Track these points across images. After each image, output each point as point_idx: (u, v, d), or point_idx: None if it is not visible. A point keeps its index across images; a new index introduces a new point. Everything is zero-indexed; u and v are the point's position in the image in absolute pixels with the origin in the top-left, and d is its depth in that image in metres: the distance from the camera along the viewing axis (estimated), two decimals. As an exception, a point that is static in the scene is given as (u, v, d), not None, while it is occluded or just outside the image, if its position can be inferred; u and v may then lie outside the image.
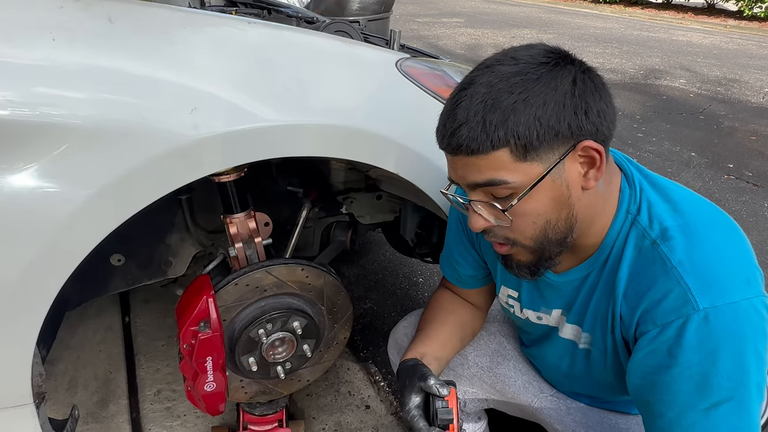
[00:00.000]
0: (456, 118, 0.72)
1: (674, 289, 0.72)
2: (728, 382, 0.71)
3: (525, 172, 0.72)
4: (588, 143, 0.72)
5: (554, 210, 0.75)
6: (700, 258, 0.73)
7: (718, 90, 6.19)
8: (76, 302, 1.32)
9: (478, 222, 0.78)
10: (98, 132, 0.80)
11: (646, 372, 0.77)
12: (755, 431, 0.73)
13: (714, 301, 0.70)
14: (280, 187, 1.53)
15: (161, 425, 1.59)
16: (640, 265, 0.78)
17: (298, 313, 1.21)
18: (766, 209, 3.24)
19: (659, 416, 0.76)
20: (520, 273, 0.83)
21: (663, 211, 0.78)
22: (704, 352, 0.71)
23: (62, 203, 0.80)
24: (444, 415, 0.86)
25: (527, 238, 0.78)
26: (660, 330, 0.74)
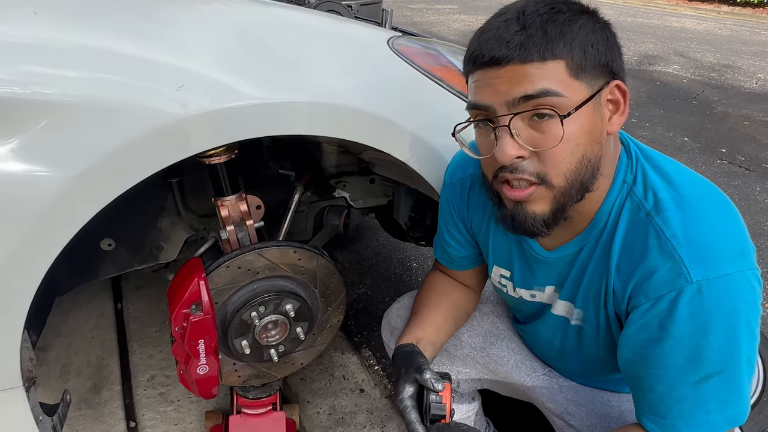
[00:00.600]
0: (509, 28, 0.70)
1: (667, 261, 0.72)
2: (719, 355, 0.71)
3: (575, 89, 0.70)
4: (619, 83, 0.74)
5: (590, 144, 0.73)
6: (694, 231, 0.72)
7: (711, 76, 6.19)
8: (66, 287, 1.31)
9: (511, 149, 0.72)
10: (81, 110, 0.78)
11: (637, 346, 0.77)
12: (745, 403, 0.74)
13: (707, 274, 0.69)
14: (272, 171, 1.52)
15: (155, 410, 1.58)
16: (634, 238, 0.77)
17: (291, 296, 1.20)
18: (758, 193, 3.26)
19: (649, 390, 0.76)
20: (534, 226, 0.77)
21: (657, 182, 0.77)
22: (696, 325, 0.70)
23: (46, 182, 0.79)
24: (436, 410, 0.85)
25: (560, 173, 0.73)
26: (652, 303, 0.73)
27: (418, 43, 1.25)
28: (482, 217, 0.98)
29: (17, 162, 0.78)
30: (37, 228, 0.81)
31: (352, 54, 1.05)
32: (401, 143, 1.05)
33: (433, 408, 0.85)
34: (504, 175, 0.76)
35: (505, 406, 1.34)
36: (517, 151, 0.72)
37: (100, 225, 1.30)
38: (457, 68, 1.25)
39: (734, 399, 0.73)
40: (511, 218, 0.79)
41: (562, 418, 1.03)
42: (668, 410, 0.75)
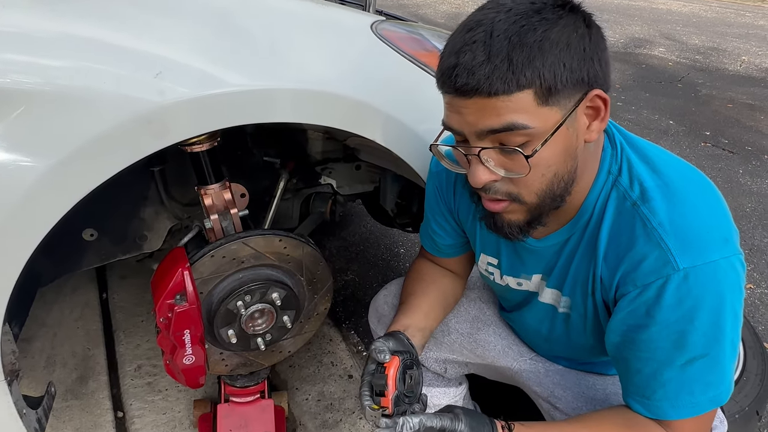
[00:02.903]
0: (475, 56, 0.65)
1: (654, 250, 0.72)
2: (704, 339, 0.72)
3: (544, 117, 0.68)
4: (598, 92, 0.70)
5: (563, 162, 0.72)
6: (680, 219, 0.73)
7: (696, 58, 6.23)
8: (48, 278, 1.29)
9: (483, 175, 0.72)
10: (56, 98, 0.76)
11: (625, 331, 0.77)
12: (728, 384, 0.75)
13: (694, 261, 0.70)
14: (256, 158, 1.50)
15: (143, 400, 1.58)
16: (621, 227, 0.77)
17: (277, 285, 1.19)
18: (740, 175, 3.30)
19: (636, 372, 0.77)
20: (510, 233, 0.79)
21: (642, 171, 0.77)
22: (682, 311, 0.71)
23: (22, 172, 0.77)
24: (377, 380, 0.84)
25: (533, 193, 0.73)
26: (640, 291, 0.74)
27: (403, 27, 1.23)
28: (469, 205, 0.97)
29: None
30: (15, 219, 0.80)
31: (334, 40, 1.03)
32: (386, 130, 1.04)
33: (375, 378, 0.84)
34: (479, 192, 0.77)
35: (493, 390, 1.36)
36: (489, 176, 0.73)
37: (81, 215, 1.28)
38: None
39: (717, 380, 0.74)
40: (490, 223, 0.81)
41: (548, 401, 1.05)
42: (654, 392, 0.76)
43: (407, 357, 0.88)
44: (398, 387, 0.85)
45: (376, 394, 0.84)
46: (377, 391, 0.84)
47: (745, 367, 1.35)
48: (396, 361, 0.86)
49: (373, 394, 0.84)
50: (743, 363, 1.36)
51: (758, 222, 2.75)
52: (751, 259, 2.45)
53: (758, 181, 3.23)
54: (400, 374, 0.86)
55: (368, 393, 0.84)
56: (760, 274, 2.35)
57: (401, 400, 0.85)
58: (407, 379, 0.86)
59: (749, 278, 2.31)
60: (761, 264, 2.42)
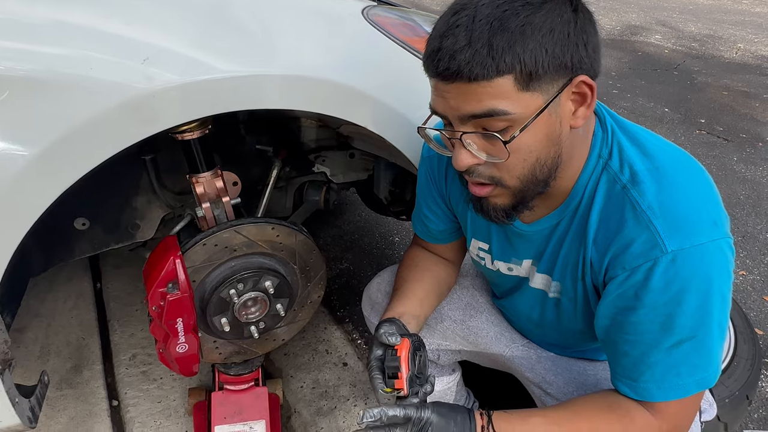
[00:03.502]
0: (457, 40, 0.66)
1: (643, 233, 0.72)
2: (692, 322, 0.72)
3: (525, 103, 0.68)
4: (584, 78, 0.70)
5: (545, 147, 0.72)
6: (669, 202, 0.73)
7: (692, 46, 6.21)
8: (40, 268, 1.28)
9: (465, 159, 0.73)
10: (42, 84, 0.75)
11: (613, 314, 0.78)
12: (715, 367, 0.76)
13: (682, 244, 0.70)
14: (249, 146, 1.49)
15: (137, 389, 1.58)
16: (611, 211, 0.77)
17: (270, 273, 1.19)
18: (734, 163, 3.30)
19: (624, 355, 0.78)
20: (496, 217, 0.80)
21: (633, 155, 0.77)
22: (670, 294, 0.71)
23: (7, 160, 0.76)
24: (390, 362, 0.85)
25: (515, 177, 0.74)
26: (629, 274, 0.74)
27: (394, 12, 1.22)
28: (460, 190, 0.97)
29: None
30: (2, 207, 0.79)
31: (325, 25, 1.02)
32: (378, 116, 1.04)
33: (387, 360, 0.85)
34: (464, 175, 0.78)
35: (485, 377, 1.36)
36: (471, 159, 0.74)
37: (72, 204, 1.28)
38: (435, 39, 1.23)
39: (704, 363, 0.75)
40: (476, 206, 0.82)
41: (540, 386, 1.05)
42: (641, 374, 0.76)
43: (416, 339, 0.90)
44: (410, 368, 0.85)
45: (388, 377, 0.85)
46: (389, 374, 0.85)
47: (736, 352, 1.36)
48: (407, 342, 0.87)
49: (385, 377, 0.85)
50: (734, 348, 1.38)
51: (751, 209, 2.76)
52: (744, 245, 2.46)
53: (752, 168, 3.24)
54: (411, 355, 0.87)
55: (380, 377, 0.85)
56: (752, 260, 2.36)
57: (414, 382, 0.86)
58: (417, 361, 0.87)
59: (742, 265, 2.33)
60: (754, 251, 2.43)
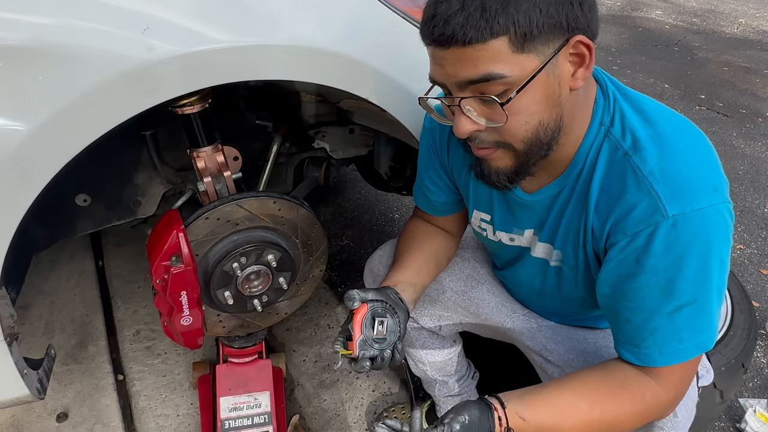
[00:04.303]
0: (450, 5, 0.66)
1: (644, 199, 0.73)
2: (692, 286, 0.73)
3: (522, 65, 0.68)
4: (581, 38, 0.69)
5: (546, 109, 0.72)
6: (671, 167, 0.73)
7: (693, 21, 6.14)
8: (43, 244, 1.29)
9: (466, 125, 0.73)
10: (43, 55, 0.75)
11: (615, 281, 0.79)
12: (714, 330, 0.77)
13: (683, 208, 0.71)
14: (249, 122, 1.49)
15: (142, 363, 1.60)
16: (612, 177, 0.78)
17: (272, 246, 1.20)
18: (734, 138, 3.30)
19: (626, 322, 0.79)
20: (498, 181, 0.79)
21: (635, 121, 0.77)
22: (671, 259, 0.72)
23: (10, 131, 0.76)
24: (345, 324, 0.89)
25: (518, 140, 0.74)
26: (630, 240, 0.75)
27: (395, -17, 1.21)
28: (462, 161, 0.97)
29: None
30: (3, 181, 0.79)
31: (326, -5, 1.01)
32: (378, 88, 1.03)
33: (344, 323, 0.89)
34: (467, 142, 0.78)
35: (486, 349, 1.38)
36: (472, 126, 0.74)
37: (73, 180, 1.28)
38: (436, 10, 1.22)
39: (704, 327, 0.76)
40: (478, 172, 0.82)
41: (540, 354, 1.07)
42: (643, 340, 0.78)
43: (378, 305, 0.90)
44: (365, 332, 0.87)
45: (347, 339, 0.87)
46: (347, 336, 0.88)
47: (733, 321, 1.38)
48: (364, 308, 0.88)
49: (344, 340, 0.87)
50: (731, 318, 1.39)
51: (750, 184, 2.77)
52: (742, 220, 2.48)
53: (751, 143, 3.24)
54: (368, 320, 0.88)
55: (341, 339, 0.87)
56: (750, 234, 2.38)
57: (368, 345, 0.87)
58: (377, 326, 0.88)
59: (740, 239, 2.34)
60: (751, 225, 2.45)
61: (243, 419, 1.29)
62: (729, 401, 1.52)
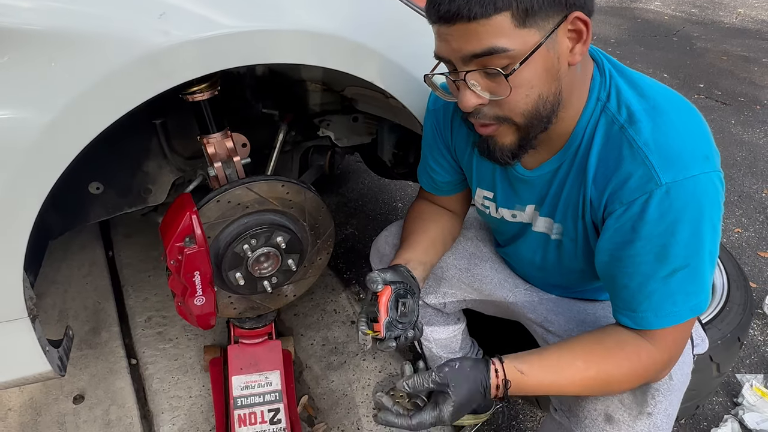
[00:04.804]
0: None
1: (639, 168, 0.77)
2: (685, 251, 0.77)
3: (523, 39, 0.72)
4: (578, 14, 0.73)
5: (546, 83, 0.76)
6: (664, 138, 0.77)
7: (692, 11, 6.16)
8: (58, 231, 1.33)
9: (471, 99, 0.77)
10: (64, 39, 0.78)
11: (612, 248, 0.82)
12: (706, 294, 0.81)
13: (675, 176, 0.74)
14: (255, 110, 1.52)
15: (154, 348, 1.65)
16: (609, 150, 0.81)
17: (281, 229, 1.23)
18: (732, 126, 3.33)
19: (623, 288, 0.83)
20: (501, 157, 0.83)
21: (630, 96, 0.81)
22: (664, 225, 0.76)
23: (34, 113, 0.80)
24: (370, 307, 0.91)
25: (519, 113, 0.77)
26: (626, 208, 0.79)
27: (397, -29, 1.24)
28: (466, 140, 1.01)
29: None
30: (27, 165, 0.83)
31: (331, -18, 1.05)
32: (383, 72, 1.07)
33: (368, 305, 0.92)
34: (469, 118, 0.82)
35: (489, 327, 1.42)
36: (477, 100, 0.77)
37: (86, 168, 1.32)
38: (437, -3, 1.25)
39: (697, 290, 0.80)
40: (482, 149, 0.86)
41: (542, 326, 1.11)
42: (639, 304, 0.81)
43: (400, 287, 0.94)
44: (390, 314, 0.91)
45: (371, 319, 0.91)
46: (370, 317, 0.91)
47: (729, 297, 1.42)
48: (388, 290, 0.92)
49: (368, 321, 0.91)
50: (727, 294, 1.43)
51: (748, 170, 2.80)
52: (740, 204, 2.51)
53: (749, 130, 3.27)
54: (392, 302, 0.92)
55: (365, 320, 0.91)
56: (747, 218, 2.41)
57: (394, 326, 0.91)
58: (400, 307, 0.92)
59: (738, 223, 2.38)
60: (749, 209, 2.48)
61: (254, 396, 1.33)
62: (726, 375, 1.56)
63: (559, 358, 0.84)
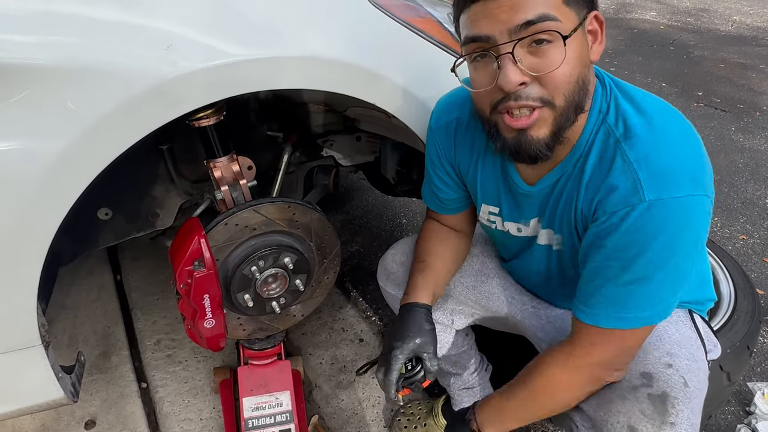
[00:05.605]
0: None
1: (627, 182, 0.79)
2: (650, 265, 0.79)
3: (568, 16, 0.75)
4: (597, 13, 0.80)
5: (582, 66, 0.79)
6: (656, 156, 0.78)
7: (688, 20, 6.21)
8: (69, 257, 1.34)
9: (515, 75, 0.76)
10: (75, 73, 0.81)
11: (586, 250, 0.87)
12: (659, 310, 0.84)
13: (660, 194, 0.76)
14: (260, 133, 1.55)
15: (164, 371, 1.65)
16: (603, 162, 0.83)
17: (289, 250, 1.25)
18: (733, 132, 3.34)
19: (586, 283, 0.88)
20: (538, 149, 0.81)
21: (628, 111, 0.83)
22: (638, 238, 0.79)
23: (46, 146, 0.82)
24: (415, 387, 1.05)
25: (561, 93, 0.78)
26: (607, 217, 0.82)
27: (396, -5, 1.27)
28: (469, 157, 1.03)
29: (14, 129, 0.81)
30: (39, 198, 0.84)
31: (333, 10, 1.07)
32: (386, 94, 1.09)
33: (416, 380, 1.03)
34: (507, 105, 0.80)
35: (497, 341, 1.42)
36: (521, 77, 0.77)
37: (96, 195, 1.34)
38: (436, 19, 1.28)
39: (651, 304, 0.83)
40: (515, 146, 0.84)
41: (551, 345, 1.11)
42: (596, 302, 0.86)
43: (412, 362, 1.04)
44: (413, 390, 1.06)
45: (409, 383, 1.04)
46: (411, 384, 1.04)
47: (736, 306, 1.42)
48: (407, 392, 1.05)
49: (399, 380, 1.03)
50: (734, 303, 1.43)
51: (750, 176, 2.81)
52: (744, 211, 2.51)
53: (750, 137, 3.28)
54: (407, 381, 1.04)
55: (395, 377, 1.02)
56: (752, 225, 2.42)
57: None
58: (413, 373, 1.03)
59: (742, 229, 2.38)
60: (753, 215, 2.48)
61: (265, 418, 1.34)
62: (737, 384, 1.55)
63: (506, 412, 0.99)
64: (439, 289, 1.12)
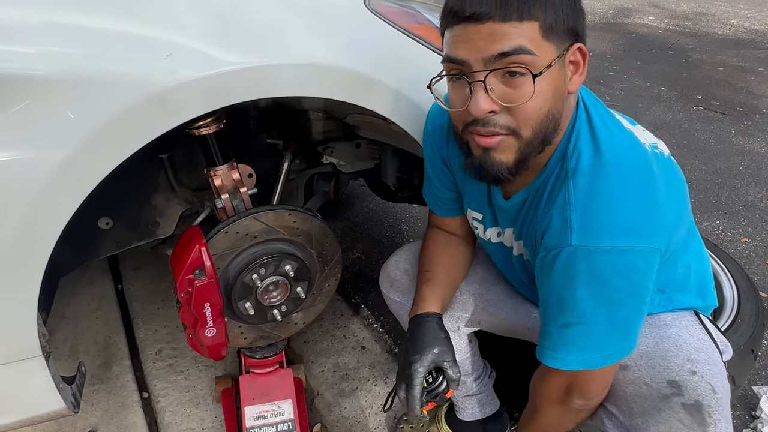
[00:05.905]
0: None
1: (561, 221, 0.80)
2: (580, 311, 0.80)
3: (545, 50, 0.75)
4: (581, 46, 0.78)
5: (555, 100, 0.78)
6: (591, 202, 0.78)
7: (686, 24, 6.23)
8: (69, 267, 1.34)
9: (485, 103, 0.76)
10: (75, 83, 0.81)
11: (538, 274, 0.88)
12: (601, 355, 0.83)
13: (585, 242, 0.77)
14: (260, 141, 1.55)
15: (166, 380, 1.64)
16: (553, 194, 0.85)
17: (290, 257, 1.25)
18: (733, 135, 3.34)
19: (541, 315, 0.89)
20: (499, 171, 0.82)
21: (585, 146, 0.82)
22: (565, 280, 0.80)
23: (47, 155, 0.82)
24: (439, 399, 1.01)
25: (529, 125, 0.78)
26: (545, 254, 0.83)
27: (395, 2, 1.28)
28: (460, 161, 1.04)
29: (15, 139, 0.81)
30: (39, 208, 0.84)
31: (331, 17, 1.08)
32: (385, 100, 1.09)
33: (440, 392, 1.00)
34: (476, 129, 0.82)
35: (500, 348, 1.42)
36: (491, 105, 0.78)
37: (96, 204, 1.34)
38: (434, 25, 1.28)
39: (590, 347, 0.83)
40: (479, 165, 0.85)
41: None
42: (544, 340, 0.87)
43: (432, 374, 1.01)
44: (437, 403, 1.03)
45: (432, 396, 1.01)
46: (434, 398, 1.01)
47: (740, 310, 1.41)
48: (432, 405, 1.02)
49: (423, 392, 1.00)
50: (737, 307, 1.42)
51: (751, 179, 2.81)
52: (746, 214, 2.51)
53: (750, 140, 3.28)
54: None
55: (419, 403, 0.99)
56: (754, 228, 2.41)
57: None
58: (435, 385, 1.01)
59: (744, 232, 2.37)
60: (755, 218, 2.48)
61: (268, 427, 1.33)
62: (742, 388, 1.55)
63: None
64: (446, 298, 1.11)
